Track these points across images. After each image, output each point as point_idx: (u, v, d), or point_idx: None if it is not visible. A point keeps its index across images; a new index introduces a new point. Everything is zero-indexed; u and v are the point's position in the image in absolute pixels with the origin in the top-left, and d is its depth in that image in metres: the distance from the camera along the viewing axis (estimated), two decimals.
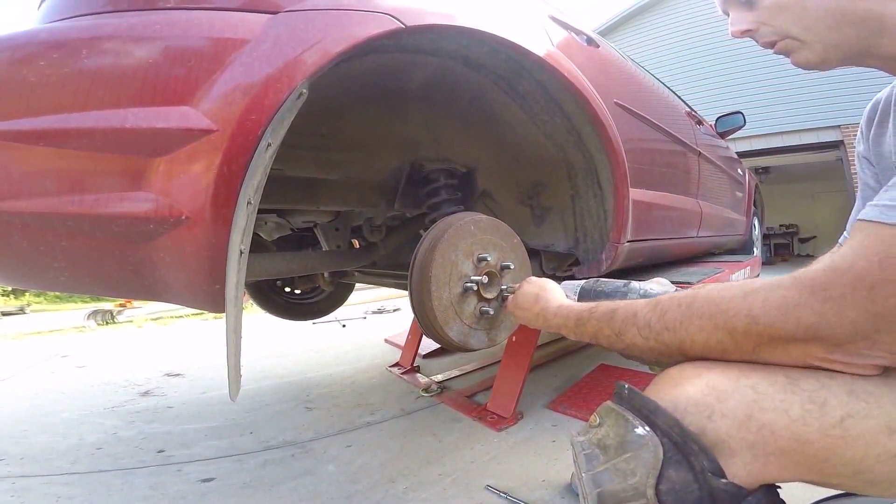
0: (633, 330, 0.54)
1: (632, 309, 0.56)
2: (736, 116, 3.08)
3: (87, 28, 0.66)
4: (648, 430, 0.45)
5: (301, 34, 0.72)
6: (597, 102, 1.25)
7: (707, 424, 0.44)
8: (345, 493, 1.26)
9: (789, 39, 0.60)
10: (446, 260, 0.98)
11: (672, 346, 0.51)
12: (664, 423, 0.45)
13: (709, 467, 0.42)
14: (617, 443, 0.46)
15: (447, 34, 0.99)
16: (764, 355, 0.45)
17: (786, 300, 0.43)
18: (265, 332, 4.07)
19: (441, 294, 0.97)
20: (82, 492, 1.34)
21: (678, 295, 0.52)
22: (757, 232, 3.94)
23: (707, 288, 0.50)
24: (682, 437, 0.43)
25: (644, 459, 0.44)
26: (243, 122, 0.65)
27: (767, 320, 0.43)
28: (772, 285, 0.44)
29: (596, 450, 0.48)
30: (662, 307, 0.52)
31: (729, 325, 0.46)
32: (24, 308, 14.97)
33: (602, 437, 0.48)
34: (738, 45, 8.07)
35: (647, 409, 0.46)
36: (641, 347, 0.54)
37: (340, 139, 1.25)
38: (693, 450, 0.43)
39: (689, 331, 0.49)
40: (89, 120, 0.61)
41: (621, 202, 1.34)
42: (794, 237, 11.97)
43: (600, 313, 0.61)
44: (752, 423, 0.43)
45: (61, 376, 2.94)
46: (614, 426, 0.48)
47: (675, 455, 0.43)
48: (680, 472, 0.43)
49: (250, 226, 0.71)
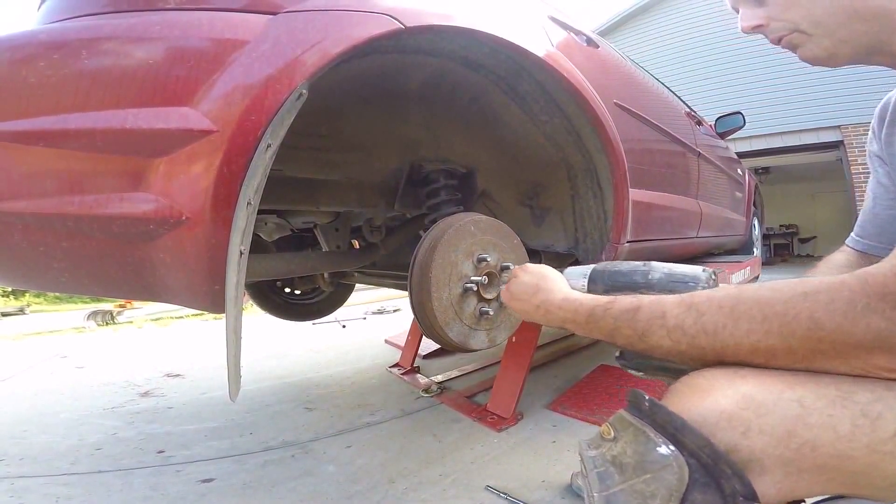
0: (660, 332, 0.49)
1: (659, 308, 0.50)
2: (735, 117, 3.09)
3: (87, 29, 0.66)
4: (673, 450, 0.40)
5: (301, 35, 0.72)
6: (596, 103, 1.25)
7: (741, 441, 0.40)
8: (345, 494, 1.26)
9: (797, 33, 0.58)
10: (446, 260, 0.98)
11: (708, 351, 0.46)
12: (693, 442, 0.40)
13: (741, 491, 0.38)
14: (635, 462, 0.42)
15: (446, 35, 0.99)
16: (818, 364, 0.42)
17: (853, 303, 0.38)
18: (265, 333, 4.07)
19: (441, 294, 0.97)
20: (82, 492, 1.34)
21: (715, 295, 0.47)
22: (757, 232, 3.95)
23: (751, 288, 0.45)
24: (713, 458, 0.39)
25: (666, 482, 0.40)
26: (243, 122, 0.65)
27: (833, 325, 0.39)
28: (834, 286, 0.40)
29: (611, 468, 0.44)
30: (699, 308, 0.47)
31: (786, 329, 0.41)
32: (24, 308, 14.98)
33: (618, 453, 0.44)
34: (738, 46, 8.08)
35: (673, 425, 0.41)
36: (667, 350, 0.49)
37: (340, 140, 1.26)
38: (724, 473, 0.39)
39: (735, 335, 0.44)
40: (89, 121, 0.61)
41: (621, 203, 1.34)
42: (794, 237, 11.97)
43: (619, 310, 0.53)
44: (792, 441, 0.39)
45: (61, 377, 2.94)
46: (632, 443, 0.43)
47: (703, 477, 0.39)
48: (707, 495, 0.39)
49: (250, 226, 0.71)
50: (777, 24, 0.60)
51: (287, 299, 2.28)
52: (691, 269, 0.63)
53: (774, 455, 0.39)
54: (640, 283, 0.64)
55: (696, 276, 0.61)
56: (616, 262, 0.71)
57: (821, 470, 0.39)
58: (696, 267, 0.63)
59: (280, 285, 2.23)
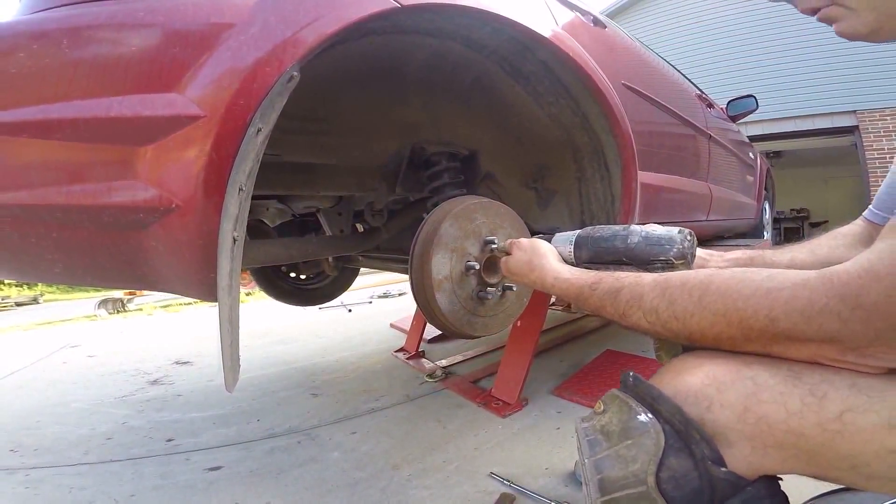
0: (638, 314, 0.53)
1: (638, 290, 0.54)
2: (748, 100, 3.01)
3: (68, 18, 0.64)
4: (651, 417, 0.45)
5: (291, 16, 0.69)
6: (604, 83, 1.21)
7: (706, 415, 0.43)
8: (350, 480, 1.27)
9: (836, 6, 0.52)
10: (446, 245, 0.96)
11: (680, 335, 0.50)
12: (667, 410, 0.44)
13: (709, 456, 0.42)
14: (619, 429, 0.46)
15: (446, 13, 0.95)
16: (774, 351, 0.44)
17: (812, 303, 0.40)
18: (272, 318, 4.10)
19: (441, 279, 0.95)
20: (94, 482, 1.36)
21: (689, 281, 0.50)
22: (767, 216, 3.88)
23: (721, 277, 0.47)
24: (684, 424, 0.43)
25: (645, 446, 0.44)
26: (231, 107, 0.63)
27: (788, 324, 0.41)
28: (797, 283, 0.41)
29: (599, 436, 0.48)
30: (671, 294, 0.50)
31: (745, 324, 0.44)
32: (38, 298, 15.23)
33: (605, 423, 0.48)
34: (751, 28, 7.88)
35: (651, 396, 0.46)
36: (646, 330, 0.53)
37: (338, 123, 1.23)
38: (694, 438, 0.42)
39: (701, 325, 0.47)
40: (73, 110, 0.59)
41: (629, 185, 1.31)
42: (805, 222, 11.79)
43: (603, 291, 0.59)
44: (749, 415, 0.42)
45: (73, 366, 2.99)
46: (618, 413, 0.47)
47: (677, 443, 0.43)
48: (680, 459, 0.42)
49: (244, 213, 0.69)
50: None
51: (293, 284, 2.28)
52: (667, 232, 0.66)
53: (736, 429, 0.42)
54: (620, 248, 0.69)
55: (672, 238, 0.65)
56: (599, 226, 0.76)
57: (781, 446, 0.41)
58: (672, 229, 0.67)
59: (285, 270, 2.23)
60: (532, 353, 1.70)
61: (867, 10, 0.51)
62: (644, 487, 0.43)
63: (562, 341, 2.54)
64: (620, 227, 0.71)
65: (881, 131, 6.94)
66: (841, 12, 0.52)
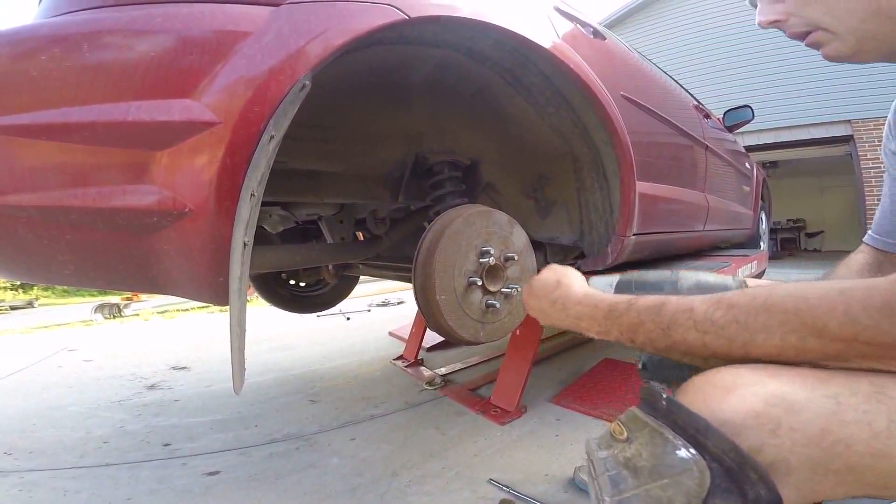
0: (687, 323, 0.47)
1: (687, 303, 0.48)
2: (744, 110, 3.05)
3: (89, 22, 0.65)
4: (694, 454, 0.38)
5: (303, 26, 0.71)
6: (603, 95, 1.24)
7: (768, 441, 0.38)
8: (349, 486, 1.27)
9: (821, 31, 0.56)
10: (450, 252, 0.98)
11: (736, 342, 0.44)
12: (716, 445, 0.38)
13: (766, 497, 0.36)
14: (651, 465, 0.39)
15: (450, 25, 0.98)
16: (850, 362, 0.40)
17: (889, 303, 0.37)
18: (270, 325, 4.09)
19: (445, 286, 0.96)
20: (90, 486, 1.35)
21: (749, 290, 0.46)
22: (764, 226, 3.91)
23: (785, 284, 0.44)
24: (738, 463, 0.37)
25: (685, 487, 0.37)
26: (246, 114, 0.64)
27: (869, 321, 0.37)
28: (869, 284, 0.39)
29: (624, 471, 0.41)
30: (729, 300, 0.45)
31: (819, 322, 0.39)
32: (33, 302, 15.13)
33: (632, 455, 0.41)
34: (747, 39, 7.99)
35: (694, 427, 0.39)
36: (691, 343, 0.47)
37: (344, 131, 1.25)
38: (749, 478, 0.37)
39: (767, 325, 0.42)
40: (92, 114, 0.60)
41: (627, 195, 1.33)
42: (802, 232, 11.88)
43: (643, 305, 0.52)
44: (825, 439, 0.37)
45: (69, 370, 2.97)
46: (648, 444, 0.40)
47: (725, 483, 0.37)
48: (728, 501, 0.37)
49: (254, 218, 0.71)
50: (796, 20, 0.58)
51: (292, 291, 2.28)
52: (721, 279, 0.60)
53: (804, 454, 0.37)
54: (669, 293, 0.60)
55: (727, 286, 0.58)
56: (643, 271, 0.69)
57: (851, 470, 0.37)
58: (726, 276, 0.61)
59: (285, 277, 2.24)
60: (531, 361, 1.71)
61: (847, 33, 0.54)
62: None
63: (560, 350, 2.55)
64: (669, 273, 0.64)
65: (875, 140, 7.04)
66: (826, 37, 0.56)
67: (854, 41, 0.54)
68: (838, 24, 0.54)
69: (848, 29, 0.54)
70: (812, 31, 0.57)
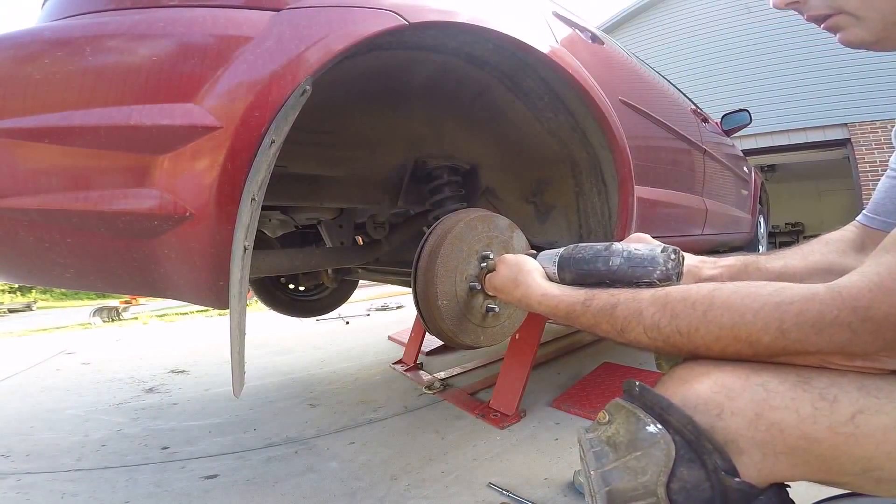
0: (638, 328, 0.52)
1: (635, 305, 0.53)
2: (742, 114, 3.07)
3: (91, 26, 0.66)
4: (661, 428, 0.44)
5: (304, 31, 0.71)
6: (601, 100, 1.24)
7: (717, 423, 0.43)
8: (347, 490, 1.26)
9: (843, 15, 0.53)
10: (452, 257, 0.98)
11: (683, 350, 0.50)
12: (677, 420, 0.44)
13: (722, 466, 0.41)
14: (627, 440, 0.45)
15: (450, 31, 0.98)
16: (781, 360, 0.44)
17: (823, 316, 0.40)
18: (269, 329, 4.08)
19: (445, 291, 0.96)
20: (87, 488, 1.35)
21: (691, 295, 0.49)
22: (762, 230, 3.92)
23: (725, 291, 0.47)
24: (695, 434, 0.42)
25: (655, 457, 0.43)
26: (247, 119, 0.65)
27: (799, 335, 0.41)
28: (806, 296, 0.42)
29: (605, 447, 0.47)
30: (673, 309, 0.49)
31: (753, 338, 0.44)
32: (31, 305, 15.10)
33: (612, 434, 0.47)
34: (744, 43, 8.04)
35: (660, 406, 0.45)
36: (646, 345, 0.52)
37: (344, 136, 1.25)
38: (706, 448, 0.42)
39: (706, 339, 0.47)
40: (94, 117, 0.61)
41: (626, 199, 1.33)
42: (800, 235, 11.90)
43: (597, 308, 0.57)
44: (761, 422, 0.42)
45: (67, 373, 2.96)
46: (625, 423, 0.47)
47: (688, 453, 0.42)
48: (692, 470, 0.42)
49: (254, 222, 0.71)
50: (818, 2, 0.55)
51: (291, 295, 2.28)
52: (650, 252, 0.63)
53: (748, 436, 0.42)
54: (602, 270, 0.66)
55: (654, 259, 0.63)
56: (581, 245, 0.72)
57: (794, 452, 0.41)
58: (655, 248, 0.64)
59: (284, 281, 2.24)
60: (530, 365, 1.71)
61: (875, 18, 0.52)
62: (654, 499, 0.42)
63: (560, 353, 2.54)
64: (602, 247, 0.68)
65: (872, 144, 7.07)
66: (847, 21, 0.54)
67: (881, 27, 0.52)
68: (867, 9, 0.52)
69: (878, 14, 0.51)
70: (834, 14, 0.54)
